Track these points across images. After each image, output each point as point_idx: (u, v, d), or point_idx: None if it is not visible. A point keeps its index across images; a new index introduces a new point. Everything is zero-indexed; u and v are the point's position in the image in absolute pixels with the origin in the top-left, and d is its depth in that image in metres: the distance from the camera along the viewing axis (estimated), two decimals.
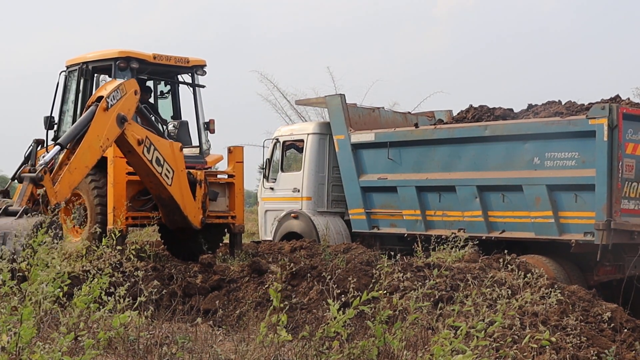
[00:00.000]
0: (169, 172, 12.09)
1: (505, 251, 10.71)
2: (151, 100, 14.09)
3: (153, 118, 13.83)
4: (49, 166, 10.37)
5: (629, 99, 13.55)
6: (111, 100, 11.12)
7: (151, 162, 11.83)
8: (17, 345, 5.13)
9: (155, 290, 8.24)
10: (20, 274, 6.81)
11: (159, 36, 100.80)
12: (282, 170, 16.88)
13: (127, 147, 11.71)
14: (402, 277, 8.10)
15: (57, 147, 10.74)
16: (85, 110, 11.20)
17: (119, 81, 11.70)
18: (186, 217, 12.54)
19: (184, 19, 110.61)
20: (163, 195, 12.33)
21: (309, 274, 10.16)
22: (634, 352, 8.53)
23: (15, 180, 14.27)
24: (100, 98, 11.14)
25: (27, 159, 14.33)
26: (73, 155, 10.68)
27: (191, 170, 12.88)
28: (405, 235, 14.55)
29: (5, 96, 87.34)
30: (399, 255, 9.30)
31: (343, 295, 7.36)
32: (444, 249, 11.84)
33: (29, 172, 10.22)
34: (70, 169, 10.55)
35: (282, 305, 6.80)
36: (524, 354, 7.42)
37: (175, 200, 12.32)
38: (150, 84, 14.14)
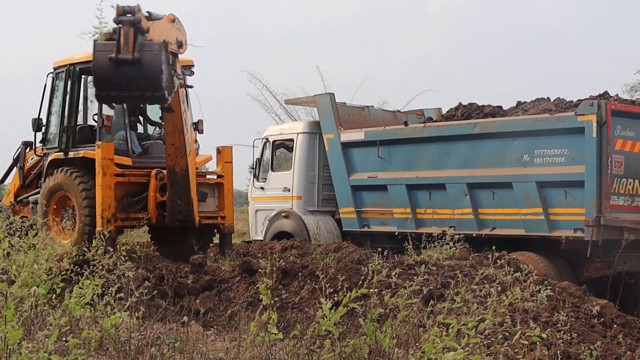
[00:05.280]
0: (188, 143, 11.87)
1: (493, 247, 10.72)
2: None
3: (142, 119, 13.76)
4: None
5: (617, 95, 13.59)
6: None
7: (184, 116, 11.55)
8: (6, 347, 5.12)
9: (146, 291, 8.21)
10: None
11: None
12: (272, 170, 16.86)
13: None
14: (393, 274, 8.11)
15: None
16: None
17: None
18: (191, 202, 12.28)
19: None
20: (177, 169, 11.92)
21: (300, 273, 10.15)
22: (624, 347, 8.56)
23: (5, 183, 14.16)
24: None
25: (15, 161, 14.33)
26: None
27: None
28: (396, 233, 14.55)
29: None
30: (388, 252, 9.29)
31: (335, 294, 7.35)
32: (434, 246, 11.84)
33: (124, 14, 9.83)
34: None
35: (273, 301, 6.78)
36: (515, 351, 7.43)
37: (189, 175, 11.96)
38: None
